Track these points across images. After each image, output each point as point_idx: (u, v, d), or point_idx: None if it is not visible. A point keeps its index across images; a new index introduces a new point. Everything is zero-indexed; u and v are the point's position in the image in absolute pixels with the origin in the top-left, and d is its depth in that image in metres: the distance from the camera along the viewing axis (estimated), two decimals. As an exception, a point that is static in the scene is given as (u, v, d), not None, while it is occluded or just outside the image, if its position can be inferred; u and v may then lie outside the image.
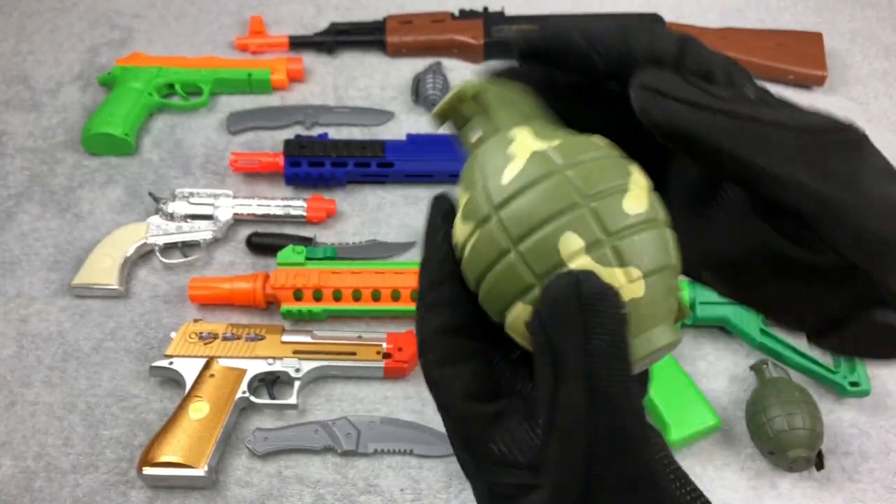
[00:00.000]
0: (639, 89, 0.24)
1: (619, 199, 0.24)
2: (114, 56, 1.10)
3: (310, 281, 0.82)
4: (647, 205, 0.24)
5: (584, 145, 0.25)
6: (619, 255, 0.23)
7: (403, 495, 0.73)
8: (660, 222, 0.25)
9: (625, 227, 0.24)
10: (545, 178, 0.24)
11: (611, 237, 0.23)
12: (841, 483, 0.73)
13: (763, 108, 0.24)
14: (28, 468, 0.74)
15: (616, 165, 0.25)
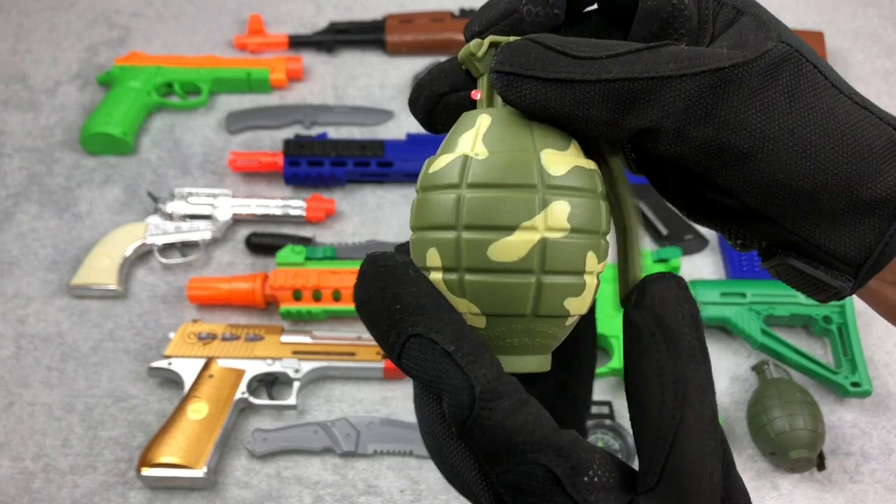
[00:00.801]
0: (495, 75, 0.24)
1: (491, 242, 0.24)
2: (112, 55, 1.10)
3: (309, 281, 0.82)
4: (518, 257, 0.23)
5: (514, 165, 0.24)
6: (463, 288, 0.24)
7: (403, 496, 0.73)
8: (532, 272, 0.24)
9: (483, 269, 0.24)
10: (448, 189, 0.24)
11: (462, 271, 0.24)
12: (842, 484, 0.73)
13: (642, 59, 0.22)
14: (27, 469, 0.73)
15: (518, 203, 0.23)
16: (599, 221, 0.24)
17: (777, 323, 0.82)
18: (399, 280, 0.24)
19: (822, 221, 0.24)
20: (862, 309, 0.84)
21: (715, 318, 0.80)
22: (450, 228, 0.24)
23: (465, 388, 0.22)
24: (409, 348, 0.23)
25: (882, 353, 0.82)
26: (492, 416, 0.22)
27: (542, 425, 0.22)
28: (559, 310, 0.24)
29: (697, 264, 0.90)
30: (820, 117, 0.23)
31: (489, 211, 0.24)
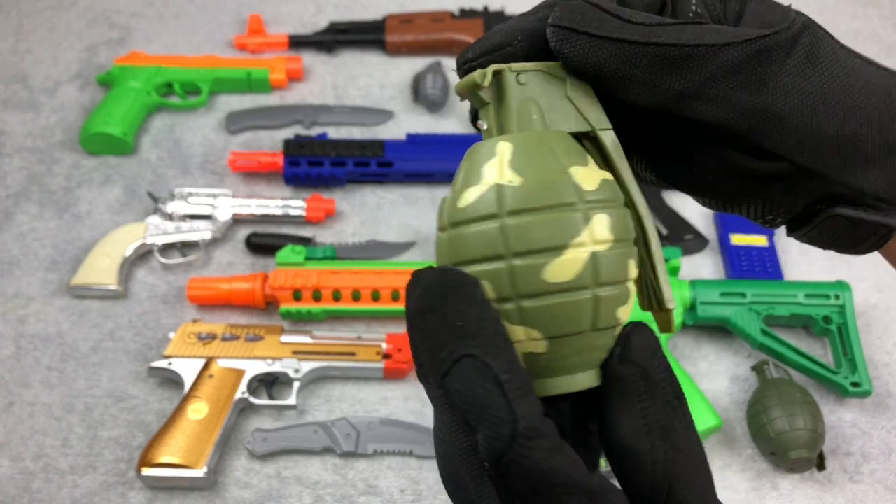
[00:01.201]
0: (552, 29, 0.24)
1: (544, 265, 0.24)
2: (112, 55, 1.10)
3: (309, 281, 0.82)
4: (574, 274, 0.24)
5: (551, 187, 0.24)
6: (522, 315, 0.24)
7: (403, 496, 0.73)
8: (587, 288, 0.24)
9: (540, 292, 0.24)
10: (487, 219, 0.24)
11: (518, 299, 0.24)
12: (842, 484, 0.73)
13: (687, 30, 0.24)
14: (26, 469, 0.73)
15: (563, 223, 0.24)
16: (631, 229, 0.25)
17: (777, 323, 0.82)
18: (469, 298, 0.24)
19: (862, 167, 0.26)
20: (862, 309, 0.85)
21: (715, 318, 0.80)
22: (498, 259, 0.24)
23: (509, 421, 0.22)
24: (460, 368, 0.23)
25: (882, 353, 0.82)
26: (531, 455, 0.21)
27: (577, 469, 0.22)
28: (613, 320, 0.25)
29: (697, 264, 0.90)
30: (842, 73, 0.25)
31: (537, 234, 0.24)
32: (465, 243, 0.25)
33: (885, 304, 0.86)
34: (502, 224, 0.24)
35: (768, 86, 0.24)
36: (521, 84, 0.26)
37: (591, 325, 0.24)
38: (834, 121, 0.25)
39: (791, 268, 0.89)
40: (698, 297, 0.81)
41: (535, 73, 0.26)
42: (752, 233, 0.90)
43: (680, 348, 0.82)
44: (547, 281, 0.24)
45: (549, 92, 0.26)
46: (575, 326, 0.24)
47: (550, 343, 0.24)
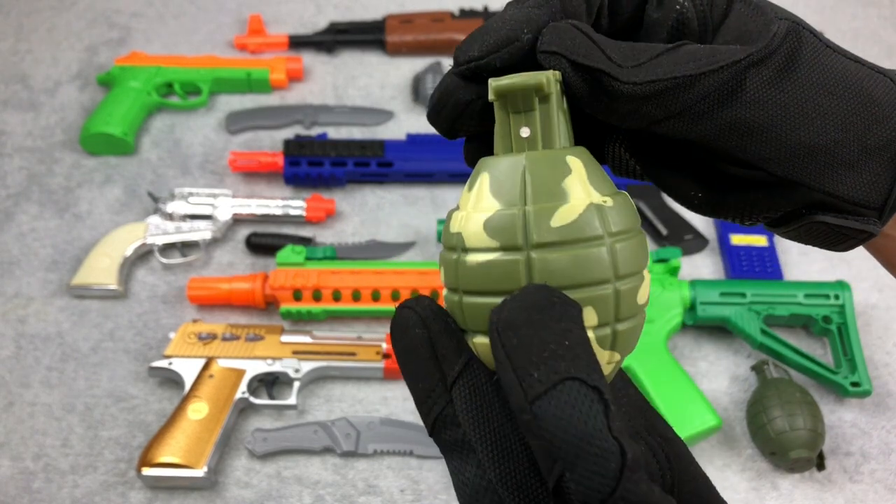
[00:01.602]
0: (542, 55, 0.24)
1: (638, 287, 0.24)
2: (112, 55, 1.10)
3: (309, 281, 0.82)
4: (647, 296, 0.25)
5: (627, 209, 0.24)
6: (615, 340, 0.24)
7: (403, 496, 0.73)
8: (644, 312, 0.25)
9: (629, 317, 0.24)
10: (595, 243, 0.23)
11: (617, 322, 0.24)
12: (842, 484, 0.73)
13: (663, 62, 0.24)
14: (27, 469, 0.73)
15: (642, 245, 0.25)
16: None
17: (777, 323, 0.82)
18: (574, 318, 0.21)
19: (841, 173, 0.25)
20: (862, 309, 0.85)
21: (715, 318, 0.80)
22: (606, 283, 0.23)
23: (616, 454, 0.19)
24: (562, 391, 0.19)
25: (882, 353, 0.82)
26: (638, 490, 0.19)
27: (662, 492, 0.20)
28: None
29: (697, 264, 0.90)
30: (825, 79, 0.25)
31: (637, 253, 0.24)
32: (564, 267, 0.23)
33: (885, 304, 0.86)
34: (611, 248, 0.23)
35: (742, 99, 0.24)
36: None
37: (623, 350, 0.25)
38: (810, 130, 0.25)
39: (791, 268, 0.89)
40: (698, 297, 0.81)
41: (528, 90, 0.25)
42: (752, 233, 0.90)
43: (680, 348, 0.82)
44: (638, 303, 0.24)
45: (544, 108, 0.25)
46: (632, 347, 0.25)
47: (615, 366, 0.25)
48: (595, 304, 0.23)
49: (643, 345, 0.78)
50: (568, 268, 0.22)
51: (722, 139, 0.25)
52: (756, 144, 0.25)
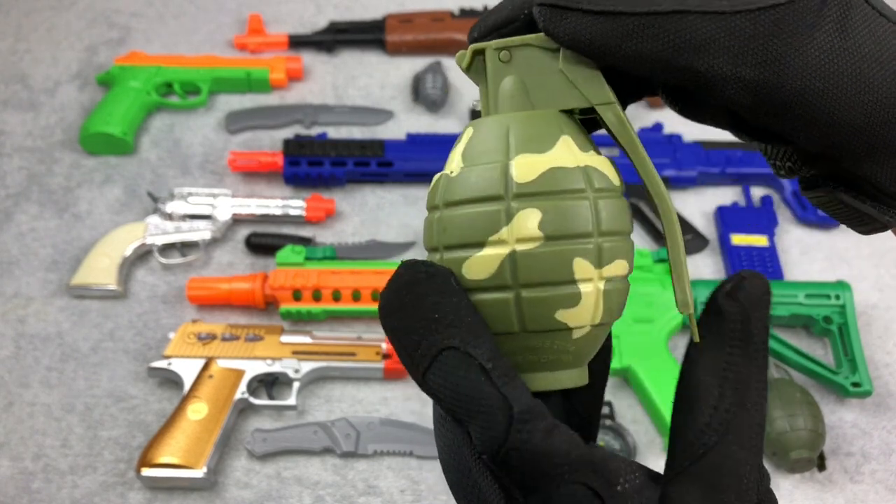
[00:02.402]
0: (539, 8, 0.22)
1: (464, 260, 0.23)
2: (112, 55, 1.10)
3: (309, 281, 0.82)
4: (490, 273, 0.23)
5: (479, 179, 0.23)
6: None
7: (403, 496, 0.72)
8: (508, 288, 0.24)
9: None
10: (432, 210, 0.24)
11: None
12: (843, 484, 0.73)
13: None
14: (26, 469, 0.73)
15: (483, 218, 0.23)
16: (586, 223, 0.23)
17: (777, 323, 0.82)
18: (441, 289, 0.22)
19: (875, 157, 0.23)
20: (862, 309, 0.84)
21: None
22: (435, 250, 0.24)
23: (503, 408, 0.21)
24: (441, 362, 0.21)
25: (882, 353, 0.82)
26: (530, 439, 0.20)
27: (576, 443, 0.21)
28: (552, 323, 0.23)
29: (697, 264, 0.90)
30: (874, 50, 0.22)
31: (459, 229, 0.23)
32: (424, 231, 0.25)
33: (885, 304, 0.86)
34: (440, 216, 0.24)
35: (785, 62, 0.21)
36: (504, 62, 0.24)
37: (521, 327, 0.23)
38: (851, 105, 0.22)
39: (791, 268, 0.89)
40: (698, 297, 0.81)
41: (521, 49, 0.24)
42: (752, 233, 0.90)
43: (680, 348, 0.82)
44: (467, 278, 0.23)
45: (539, 67, 0.24)
46: (501, 327, 0.23)
47: None
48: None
49: (644, 345, 0.78)
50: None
51: (756, 106, 0.22)
52: (790, 117, 0.22)
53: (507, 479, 0.21)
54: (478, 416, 0.21)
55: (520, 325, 0.23)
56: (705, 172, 0.95)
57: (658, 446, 0.75)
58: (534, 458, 0.21)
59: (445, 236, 0.23)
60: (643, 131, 0.98)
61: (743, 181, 0.96)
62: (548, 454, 0.21)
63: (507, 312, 0.23)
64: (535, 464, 0.21)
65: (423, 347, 0.22)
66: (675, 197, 0.95)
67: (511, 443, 0.20)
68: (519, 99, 0.24)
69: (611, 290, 0.23)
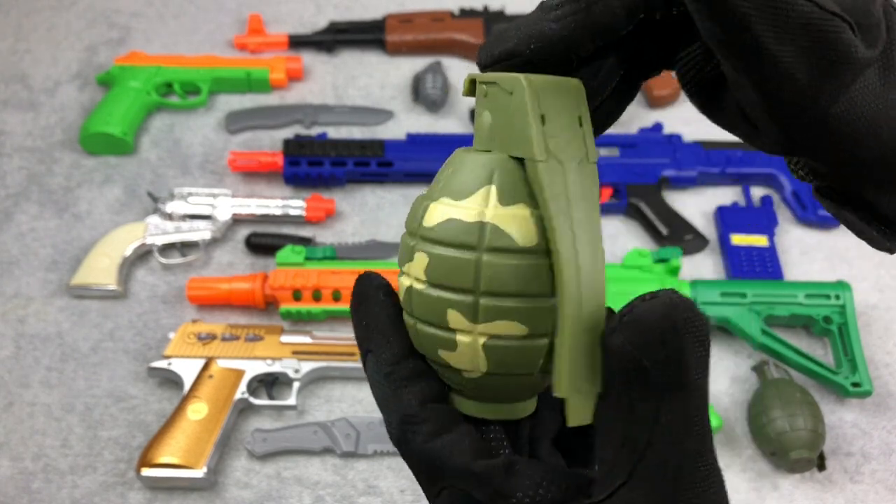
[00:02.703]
0: None
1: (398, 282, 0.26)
2: (112, 55, 1.10)
3: (309, 281, 0.82)
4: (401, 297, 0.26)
5: (412, 211, 0.26)
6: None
7: (403, 496, 0.72)
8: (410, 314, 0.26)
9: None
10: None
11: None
12: (843, 484, 0.73)
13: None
14: (26, 469, 0.73)
15: (403, 250, 0.26)
16: (465, 278, 0.23)
17: (777, 323, 0.82)
18: (372, 300, 0.26)
19: (884, 189, 0.23)
20: (862, 309, 0.84)
21: (715, 318, 0.80)
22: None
23: (396, 410, 0.24)
24: (367, 365, 0.25)
25: (882, 353, 0.82)
26: (412, 440, 0.23)
27: (460, 451, 0.23)
28: (438, 359, 0.25)
29: (697, 264, 0.90)
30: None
31: (400, 253, 0.26)
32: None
33: (885, 304, 0.86)
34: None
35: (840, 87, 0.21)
36: (486, 97, 0.24)
37: (423, 351, 0.26)
38: (878, 147, 0.22)
39: (791, 268, 0.89)
40: (698, 297, 0.81)
41: (492, 86, 0.24)
42: (752, 233, 0.90)
43: (680, 348, 0.82)
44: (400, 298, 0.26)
45: (503, 108, 0.24)
46: (417, 346, 0.26)
47: None
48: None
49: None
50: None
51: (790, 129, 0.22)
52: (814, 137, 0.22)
53: (412, 471, 0.24)
54: (384, 413, 0.25)
55: (421, 349, 0.26)
56: (705, 172, 0.95)
57: (658, 446, 0.75)
58: (416, 458, 0.23)
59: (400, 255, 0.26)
60: (643, 131, 0.98)
61: (743, 181, 0.96)
62: (426, 457, 0.23)
63: (414, 335, 0.26)
64: (418, 463, 0.23)
65: (361, 350, 0.26)
66: (675, 197, 0.95)
67: (398, 442, 0.24)
68: (484, 137, 0.25)
69: (496, 346, 0.23)
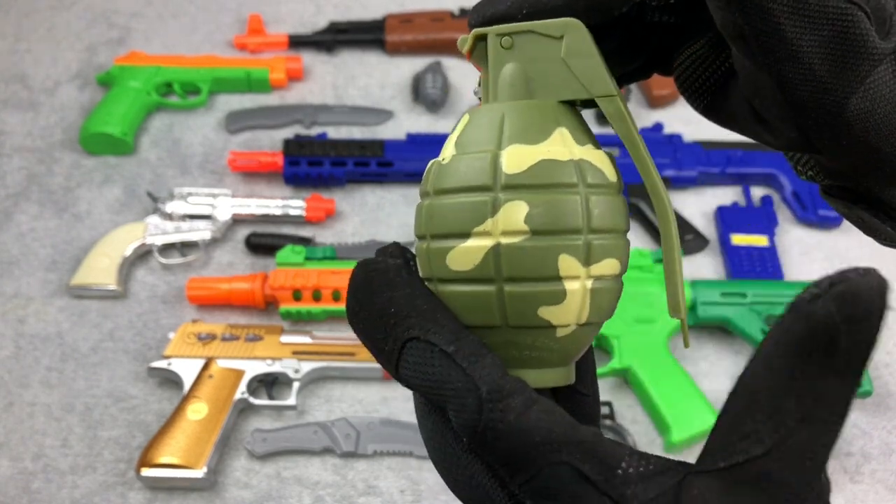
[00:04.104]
0: None
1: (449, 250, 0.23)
2: (112, 55, 1.10)
3: (309, 281, 0.82)
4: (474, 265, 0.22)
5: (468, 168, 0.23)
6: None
7: (403, 497, 0.72)
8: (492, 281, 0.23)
9: (447, 279, 0.23)
10: (422, 197, 0.23)
11: (435, 281, 0.23)
12: (843, 484, 0.73)
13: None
14: (26, 469, 0.73)
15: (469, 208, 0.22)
16: (575, 218, 0.22)
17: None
18: (391, 283, 0.23)
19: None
20: (862, 309, 0.84)
21: (715, 318, 0.80)
22: (423, 238, 0.24)
23: (471, 390, 0.20)
24: (407, 354, 0.22)
25: (882, 353, 0.82)
26: (503, 418, 0.20)
27: (559, 421, 0.20)
28: (535, 320, 0.22)
29: (697, 264, 0.90)
30: None
31: (445, 218, 0.23)
32: (415, 219, 0.24)
33: (885, 303, 0.86)
34: (428, 203, 0.23)
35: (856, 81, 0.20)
36: (506, 48, 0.24)
37: (503, 321, 0.22)
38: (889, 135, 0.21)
39: (791, 268, 0.89)
40: (699, 297, 0.81)
41: (524, 35, 0.23)
42: (752, 233, 0.90)
43: (680, 348, 0.82)
44: (450, 268, 0.23)
45: (540, 55, 0.23)
46: (483, 320, 0.23)
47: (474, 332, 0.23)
48: (418, 257, 0.23)
49: (644, 345, 0.78)
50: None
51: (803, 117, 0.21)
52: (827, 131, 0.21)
53: (491, 460, 0.21)
54: (451, 400, 0.21)
55: (502, 319, 0.23)
56: (705, 172, 0.95)
57: (658, 446, 0.75)
58: (511, 438, 0.20)
59: (432, 224, 0.23)
60: (643, 131, 0.98)
61: (743, 181, 0.96)
62: (525, 432, 0.20)
63: (490, 306, 0.22)
64: (512, 443, 0.20)
65: (389, 343, 0.22)
66: (674, 197, 0.95)
67: (485, 423, 0.20)
68: (518, 87, 0.24)
69: (599, 288, 0.23)
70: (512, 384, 0.20)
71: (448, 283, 0.23)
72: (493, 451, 0.20)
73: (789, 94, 0.21)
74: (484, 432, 0.20)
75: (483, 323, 0.23)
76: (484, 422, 0.20)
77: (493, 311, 0.22)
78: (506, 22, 0.24)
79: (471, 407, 0.20)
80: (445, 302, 0.23)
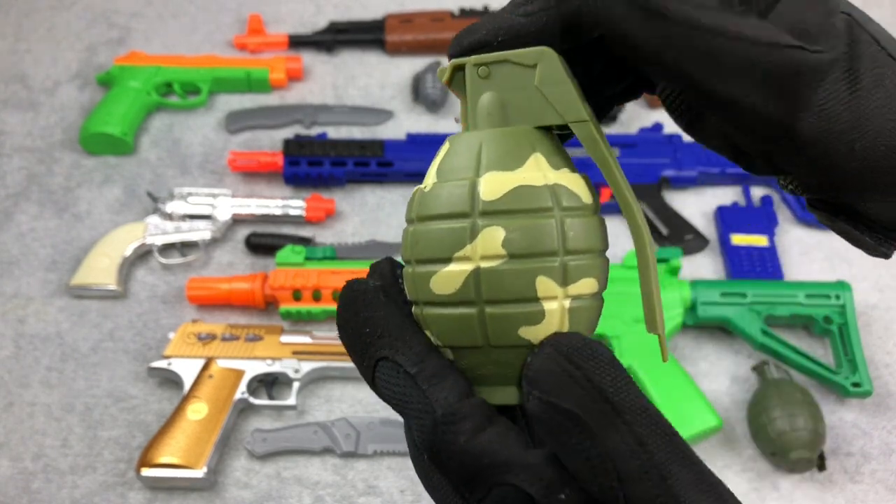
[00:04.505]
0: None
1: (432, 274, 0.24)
2: (112, 55, 1.10)
3: (309, 281, 0.82)
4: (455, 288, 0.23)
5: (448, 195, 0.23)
6: (424, 320, 0.24)
7: (403, 497, 0.72)
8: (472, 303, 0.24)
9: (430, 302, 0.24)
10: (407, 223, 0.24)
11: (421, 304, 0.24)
12: (843, 484, 0.73)
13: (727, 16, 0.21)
14: (26, 469, 0.73)
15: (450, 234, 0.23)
16: (552, 240, 0.23)
17: (777, 323, 0.82)
18: (371, 304, 0.24)
19: (873, 197, 0.23)
20: (862, 309, 0.84)
21: (715, 318, 0.80)
22: (409, 263, 0.25)
23: (428, 412, 0.22)
24: (379, 372, 0.23)
25: (882, 353, 0.82)
26: (454, 440, 0.21)
27: (508, 444, 0.21)
28: (516, 340, 0.23)
29: (697, 264, 0.90)
30: (886, 100, 0.22)
31: (428, 244, 0.24)
32: (402, 243, 0.25)
33: (885, 304, 0.86)
34: (413, 229, 0.24)
35: (799, 104, 0.21)
36: (483, 78, 0.25)
37: (485, 341, 0.23)
38: (858, 155, 0.22)
39: (791, 268, 0.89)
40: (698, 297, 0.81)
41: (499, 65, 0.24)
42: (752, 233, 0.90)
43: (680, 348, 0.82)
44: (434, 291, 0.24)
45: (516, 83, 0.24)
46: (466, 340, 0.24)
47: (453, 352, 0.24)
48: (405, 280, 0.24)
49: (644, 345, 0.78)
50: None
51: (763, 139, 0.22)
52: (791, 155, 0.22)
53: (448, 477, 0.22)
54: (412, 419, 0.23)
55: (483, 340, 0.23)
56: (705, 172, 0.95)
57: (658, 446, 0.75)
58: (462, 458, 0.21)
59: (416, 250, 0.24)
60: (643, 131, 0.98)
61: (743, 181, 0.96)
62: (474, 455, 0.21)
63: (472, 327, 0.23)
64: (464, 464, 0.21)
65: (366, 360, 0.24)
66: (674, 197, 0.95)
67: (438, 444, 0.22)
68: (495, 116, 0.25)
69: (578, 307, 0.23)
70: (468, 408, 0.22)
71: (432, 307, 0.24)
72: (448, 470, 0.22)
73: (740, 133, 0.23)
74: (439, 452, 0.22)
75: (466, 343, 0.24)
76: (437, 443, 0.22)
77: (475, 332, 0.23)
78: (483, 49, 0.25)
79: (427, 427, 0.22)
80: (430, 324, 0.24)
